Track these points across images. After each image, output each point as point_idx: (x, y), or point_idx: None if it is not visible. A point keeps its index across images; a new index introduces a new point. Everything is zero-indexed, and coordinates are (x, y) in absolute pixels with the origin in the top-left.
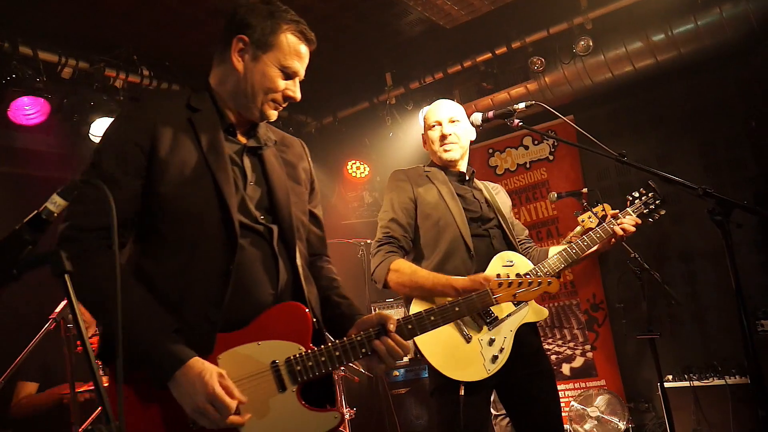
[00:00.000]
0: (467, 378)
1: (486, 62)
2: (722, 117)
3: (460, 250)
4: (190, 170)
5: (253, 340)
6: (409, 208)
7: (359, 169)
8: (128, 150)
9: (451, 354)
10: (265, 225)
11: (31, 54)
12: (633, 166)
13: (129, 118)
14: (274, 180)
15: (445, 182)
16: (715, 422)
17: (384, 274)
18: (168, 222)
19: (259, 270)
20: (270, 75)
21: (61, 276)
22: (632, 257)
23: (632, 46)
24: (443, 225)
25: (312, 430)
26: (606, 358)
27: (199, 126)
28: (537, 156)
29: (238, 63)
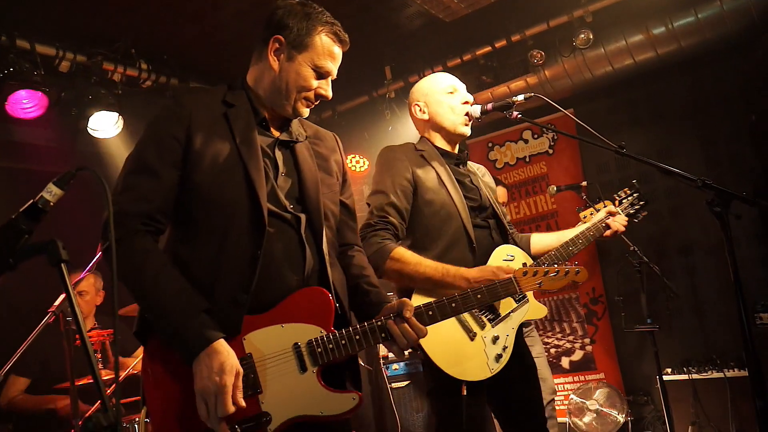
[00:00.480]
0: (471, 377)
1: (486, 56)
2: (723, 111)
3: (462, 242)
4: (223, 161)
5: (277, 323)
6: (408, 192)
7: (359, 163)
8: (166, 142)
9: (454, 352)
10: (293, 213)
11: (29, 47)
12: (632, 157)
13: (168, 112)
14: (304, 171)
15: (443, 165)
16: (714, 415)
17: (381, 261)
18: (202, 210)
19: (286, 256)
20: (304, 74)
21: (57, 265)
22: (632, 250)
23: (633, 39)
24: (446, 214)
25: (330, 410)
26: (605, 351)
27: (233, 120)
28: (537, 150)
29: (274, 62)
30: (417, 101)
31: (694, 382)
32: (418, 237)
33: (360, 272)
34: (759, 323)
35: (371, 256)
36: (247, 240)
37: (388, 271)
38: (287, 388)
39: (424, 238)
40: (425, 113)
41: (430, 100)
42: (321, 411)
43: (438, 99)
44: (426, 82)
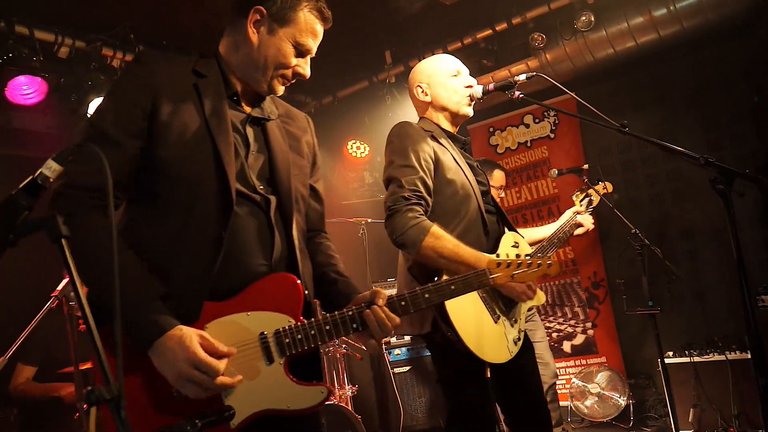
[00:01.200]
0: (496, 360)
1: (486, 39)
2: (725, 92)
3: (477, 225)
4: (190, 134)
5: (242, 310)
6: (431, 168)
7: (359, 149)
8: (129, 110)
9: (484, 334)
10: (263, 195)
11: (28, 33)
12: (634, 136)
13: (132, 79)
14: (275, 151)
15: (452, 147)
16: (716, 398)
17: (420, 237)
18: (164, 186)
19: (253, 239)
20: (284, 50)
21: (57, 241)
22: (633, 233)
23: (634, 21)
24: (464, 195)
25: (298, 404)
26: (607, 335)
27: (203, 91)
28: (538, 134)
29: (253, 34)
30: (420, 82)
31: (695, 365)
32: (436, 216)
33: (327, 260)
34: (761, 305)
35: (409, 230)
36: (212, 220)
37: (425, 247)
38: (252, 381)
39: (442, 218)
40: (428, 95)
41: (433, 81)
42: (288, 405)
43: (441, 81)
44: (429, 64)
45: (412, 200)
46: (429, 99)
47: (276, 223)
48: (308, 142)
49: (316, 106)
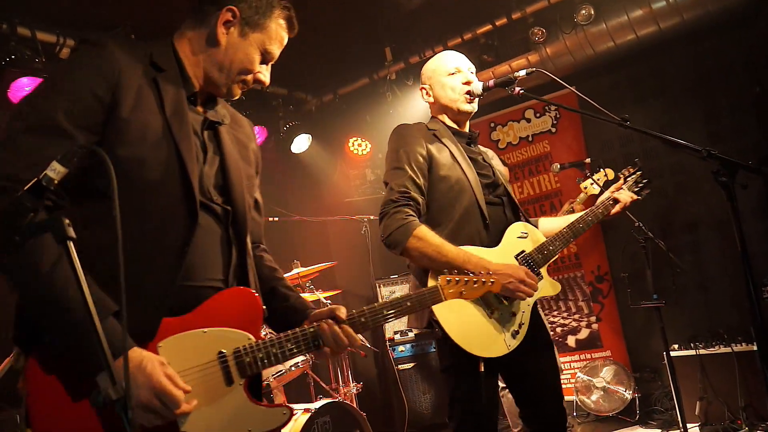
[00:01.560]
0: (490, 354)
1: (486, 34)
2: (726, 83)
3: (474, 217)
4: (151, 134)
5: (199, 327)
6: (424, 168)
7: (360, 147)
8: (86, 100)
9: (472, 328)
10: (220, 205)
11: (30, 35)
12: (636, 130)
13: (89, 65)
14: (229, 158)
15: (455, 143)
16: (722, 390)
17: (404, 239)
18: (121, 189)
19: (213, 252)
20: (251, 56)
21: (63, 242)
22: (636, 227)
23: (634, 14)
24: (458, 189)
25: (260, 427)
26: (611, 329)
27: (163, 88)
28: (539, 129)
29: (222, 35)
30: (423, 84)
31: (701, 358)
32: (432, 213)
33: (272, 274)
34: (766, 297)
35: (394, 231)
36: (174, 230)
37: (410, 248)
38: (211, 405)
39: (438, 214)
40: (430, 96)
41: (433, 82)
42: (250, 429)
43: (439, 81)
44: (431, 64)
45: (400, 202)
46: (432, 99)
47: (231, 236)
48: (254, 150)
49: (316, 103)
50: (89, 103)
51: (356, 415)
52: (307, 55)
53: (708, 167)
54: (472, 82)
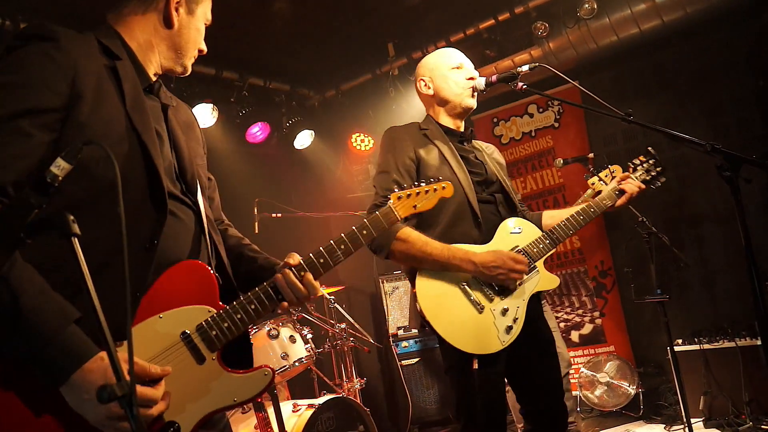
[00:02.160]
0: (481, 351)
1: (489, 29)
2: (730, 77)
3: (466, 216)
4: (114, 129)
5: (153, 313)
6: (411, 170)
7: (363, 142)
8: (43, 96)
9: (463, 326)
10: (187, 194)
11: None
12: (639, 124)
13: (44, 57)
14: (180, 142)
15: (446, 142)
16: (726, 385)
17: (388, 242)
18: (83, 188)
19: (184, 241)
20: (201, 30)
21: (68, 238)
22: (640, 221)
23: (637, 8)
24: None
25: (243, 395)
26: (615, 324)
27: (123, 77)
28: (542, 124)
29: (175, 17)
30: (422, 76)
31: (705, 353)
32: (423, 215)
33: (239, 242)
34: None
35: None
36: (143, 225)
37: (395, 251)
38: (188, 386)
39: (428, 216)
40: (430, 88)
41: (435, 74)
42: (234, 399)
43: (443, 74)
44: (432, 58)
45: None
46: (431, 92)
47: (198, 222)
48: (199, 129)
49: (319, 99)
50: (48, 98)
51: (360, 410)
52: (310, 51)
53: (712, 161)
54: (476, 78)
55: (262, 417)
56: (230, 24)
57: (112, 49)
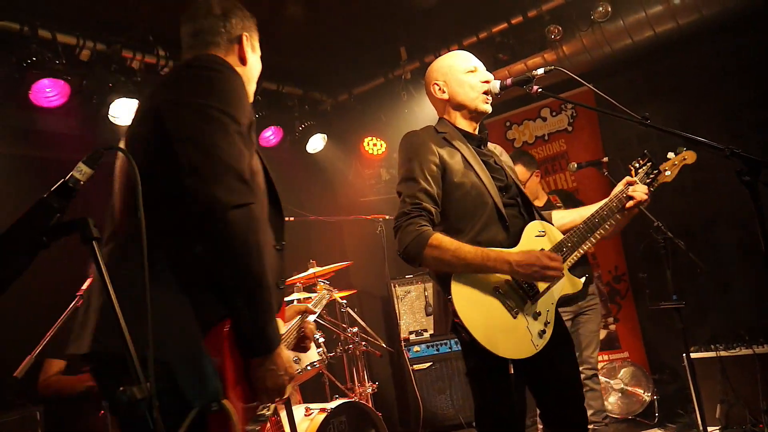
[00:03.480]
0: (517, 355)
1: (502, 33)
2: (746, 79)
3: (495, 221)
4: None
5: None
6: (437, 176)
7: (376, 146)
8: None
9: (498, 330)
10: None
11: (50, 37)
12: (657, 128)
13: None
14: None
15: (467, 145)
16: (743, 392)
17: (420, 249)
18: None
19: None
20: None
21: (89, 243)
22: (655, 226)
23: (652, 10)
24: (477, 195)
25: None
26: (629, 330)
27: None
28: (555, 127)
29: (248, 55)
30: (436, 80)
31: (722, 360)
32: (451, 221)
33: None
34: None
35: (409, 244)
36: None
37: (428, 258)
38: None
39: (458, 222)
40: (445, 92)
41: (450, 78)
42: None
43: (458, 78)
44: (446, 61)
45: (413, 214)
46: (446, 96)
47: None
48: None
49: (332, 103)
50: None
51: (372, 414)
52: (322, 55)
53: (727, 165)
54: (491, 81)
55: (275, 420)
56: None
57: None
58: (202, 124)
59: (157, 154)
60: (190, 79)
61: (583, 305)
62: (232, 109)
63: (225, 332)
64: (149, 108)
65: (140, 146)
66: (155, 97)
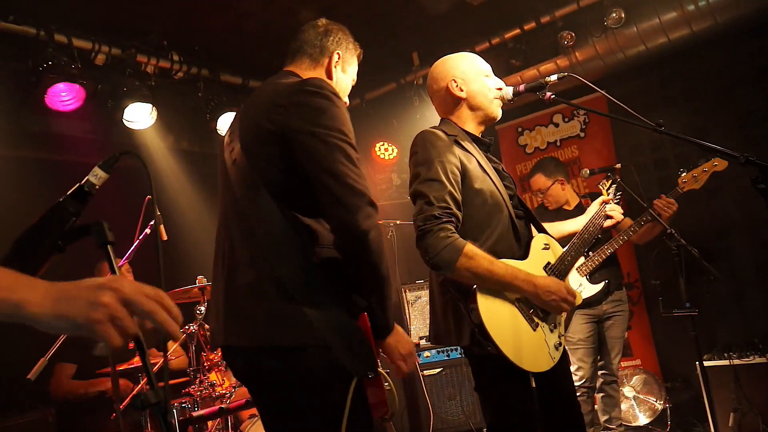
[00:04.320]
0: (538, 368)
1: (514, 38)
2: (760, 86)
3: (509, 233)
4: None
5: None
6: (458, 181)
7: (387, 151)
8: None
9: (521, 342)
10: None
11: (66, 41)
12: (671, 135)
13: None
14: None
15: (478, 151)
16: (757, 401)
17: (454, 258)
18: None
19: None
20: (349, 86)
21: (104, 247)
22: (669, 233)
23: (666, 17)
24: (494, 204)
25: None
26: (642, 337)
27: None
28: (568, 133)
29: (334, 73)
30: (455, 77)
31: (735, 368)
32: (467, 229)
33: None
34: None
35: (442, 251)
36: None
37: (459, 268)
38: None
39: (474, 230)
40: (463, 91)
41: (469, 77)
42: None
43: (478, 79)
44: (462, 60)
45: (443, 219)
46: (464, 95)
47: None
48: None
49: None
50: None
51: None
52: None
53: (741, 172)
54: (503, 89)
55: None
56: (257, 33)
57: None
58: (331, 154)
59: (291, 173)
60: (309, 106)
61: (609, 310)
62: (348, 134)
63: (366, 319)
64: (269, 130)
65: (271, 166)
66: (271, 116)
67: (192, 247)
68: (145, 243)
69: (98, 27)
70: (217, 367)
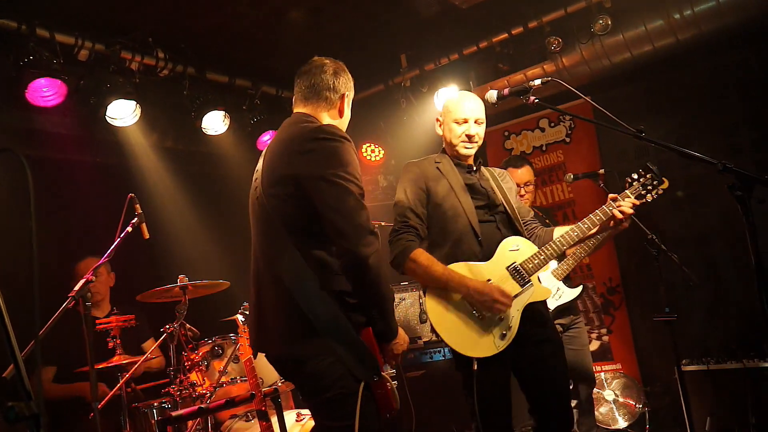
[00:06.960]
0: (478, 354)
1: (502, 43)
2: (743, 96)
3: (468, 236)
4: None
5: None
6: (422, 198)
7: (374, 153)
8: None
9: (462, 331)
10: None
11: (48, 36)
12: (651, 141)
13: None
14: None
15: (455, 174)
16: (734, 406)
17: (403, 262)
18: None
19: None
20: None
21: None
22: (650, 239)
23: (652, 25)
24: (453, 215)
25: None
26: (622, 341)
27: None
28: (553, 138)
29: (345, 110)
30: (439, 116)
31: (712, 373)
32: (433, 236)
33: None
34: None
35: (396, 256)
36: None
37: (407, 270)
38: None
39: (437, 237)
40: (441, 129)
41: (444, 120)
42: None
43: (448, 122)
44: (449, 103)
45: (401, 230)
46: (440, 132)
47: None
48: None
49: None
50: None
51: None
52: None
53: (723, 180)
54: (474, 136)
55: (266, 426)
56: (244, 32)
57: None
58: (337, 193)
59: (303, 210)
60: (321, 152)
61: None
62: (353, 173)
63: (370, 330)
64: (289, 174)
65: (286, 205)
66: (293, 164)
67: (174, 245)
68: (127, 241)
69: (82, 22)
70: (198, 367)
